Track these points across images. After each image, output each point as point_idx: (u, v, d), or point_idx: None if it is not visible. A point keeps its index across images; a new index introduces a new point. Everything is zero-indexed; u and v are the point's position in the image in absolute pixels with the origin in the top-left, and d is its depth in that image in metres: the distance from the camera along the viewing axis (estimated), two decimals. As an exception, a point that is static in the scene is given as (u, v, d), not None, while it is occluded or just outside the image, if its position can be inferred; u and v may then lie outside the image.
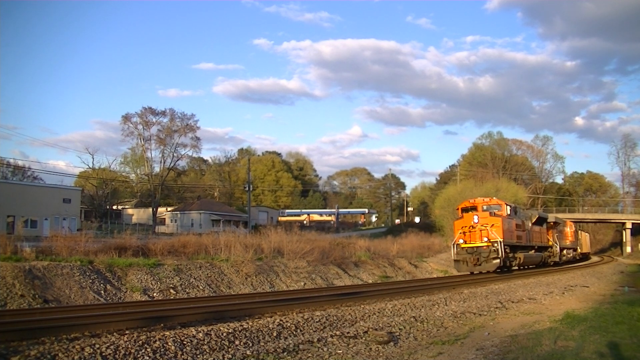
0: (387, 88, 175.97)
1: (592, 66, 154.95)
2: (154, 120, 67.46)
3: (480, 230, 23.32)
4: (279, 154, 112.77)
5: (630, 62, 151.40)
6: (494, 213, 24.11)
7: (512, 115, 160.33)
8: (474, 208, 24.75)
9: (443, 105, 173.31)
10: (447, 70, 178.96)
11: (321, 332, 9.18)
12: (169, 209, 75.59)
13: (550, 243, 32.56)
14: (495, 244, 22.75)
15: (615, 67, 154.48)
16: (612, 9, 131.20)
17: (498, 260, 22.74)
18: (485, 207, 24.63)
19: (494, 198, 27.09)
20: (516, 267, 26.26)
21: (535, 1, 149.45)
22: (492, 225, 23.18)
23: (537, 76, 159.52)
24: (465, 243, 23.76)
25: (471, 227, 23.67)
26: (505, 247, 23.20)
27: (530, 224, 28.37)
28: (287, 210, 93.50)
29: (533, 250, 28.67)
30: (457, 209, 26.93)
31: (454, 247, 24.43)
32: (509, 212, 25.05)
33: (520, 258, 25.64)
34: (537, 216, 30.36)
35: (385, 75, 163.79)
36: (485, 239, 23.03)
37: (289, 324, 9.29)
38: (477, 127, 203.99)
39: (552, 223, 33.10)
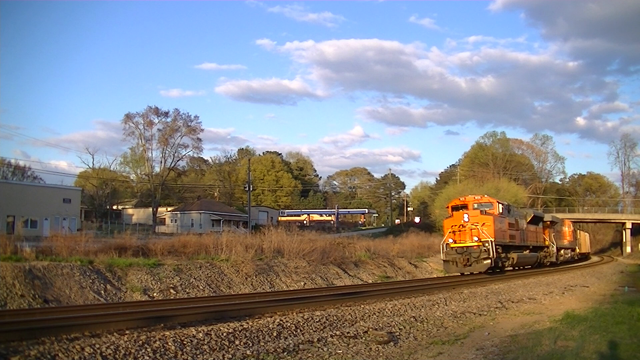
0: (389, 88, 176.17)
1: (595, 66, 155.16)
2: (156, 120, 67.77)
3: (471, 229, 22.61)
4: (279, 153, 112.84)
5: (632, 62, 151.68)
6: (485, 211, 23.44)
7: (514, 116, 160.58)
8: (464, 206, 24.05)
9: (445, 105, 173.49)
10: (449, 70, 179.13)
11: (321, 332, 9.18)
12: (169, 209, 75.58)
13: (547, 243, 31.99)
14: (486, 244, 22.06)
15: (618, 67, 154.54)
16: (615, 9, 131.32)
17: (489, 261, 22.10)
18: (476, 205, 23.92)
19: (485, 196, 26.36)
20: (510, 268, 25.74)
21: (539, 2, 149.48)
22: (483, 224, 22.52)
23: (539, 76, 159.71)
24: (455, 243, 23.07)
25: (461, 226, 22.98)
26: (497, 247, 22.62)
27: (525, 223, 27.75)
28: (287, 210, 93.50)
29: (528, 250, 28.12)
30: (447, 207, 26.30)
31: (443, 247, 23.73)
32: (501, 211, 24.39)
33: (513, 258, 25.05)
34: (533, 215, 29.70)
35: (388, 76, 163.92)
36: (476, 239, 22.33)
37: (289, 324, 9.29)
38: (479, 127, 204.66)
39: (548, 222, 32.64)
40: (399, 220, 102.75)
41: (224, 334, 8.14)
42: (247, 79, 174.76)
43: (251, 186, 70.65)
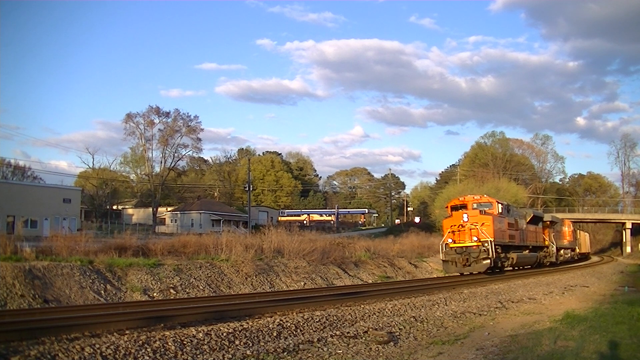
0: (389, 88, 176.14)
1: (595, 66, 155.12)
2: (157, 120, 67.86)
3: (470, 229, 22.56)
4: (279, 154, 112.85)
5: (632, 62, 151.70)
6: (485, 211, 23.39)
7: (514, 116, 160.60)
8: (463, 206, 23.99)
9: (445, 105, 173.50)
10: (449, 70, 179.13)
11: (321, 332, 9.19)
12: (169, 209, 75.58)
13: (547, 243, 31.95)
14: (486, 244, 22.01)
15: (618, 67, 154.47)
16: (615, 9, 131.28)
17: (488, 261, 22.04)
18: (475, 205, 23.85)
19: (485, 195, 26.33)
20: (509, 268, 25.66)
21: (539, 2, 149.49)
22: (483, 224, 22.47)
23: (539, 76, 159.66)
24: (454, 243, 23.03)
25: (460, 226, 22.93)
26: (497, 247, 22.58)
27: (524, 223, 27.69)
28: (287, 210, 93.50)
29: (527, 250, 28.07)
30: (447, 207, 26.28)
31: (442, 247, 23.71)
32: (500, 211, 24.34)
33: (513, 258, 24.99)
34: (532, 215, 29.61)
35: (388, 76, 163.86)
36: (475, 239, 22.28)
37: (289, 324, 9.29)
38: (479, 127, 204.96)
39: (548, 222, 32.58)
40: (399, 220, 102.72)
41: (224, 334, 8.14)
42: (247, 79, 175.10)
43: (251, 186, 70.68)
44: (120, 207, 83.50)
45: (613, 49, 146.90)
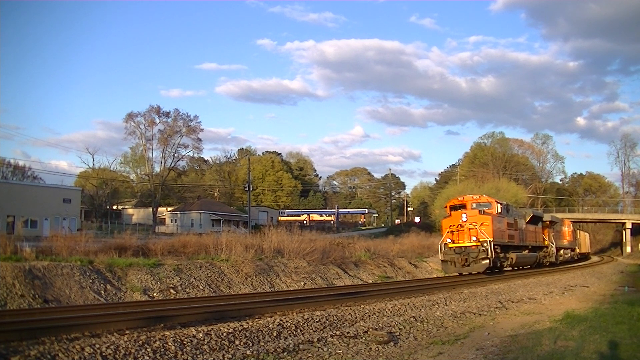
0: (389, 88, 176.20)
1: (595, 66, 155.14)
2: (157, 120, 67.91)
3: (469, 229, 22.56)
4: (279, 153, 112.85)
5: (632, 62, 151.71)
6: (484, 211, 23.40)
7: (514, 116, 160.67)
8: (462, 206, 23.99)
9: (445, 105, 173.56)
10: (449, 70, 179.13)
11: (321, 332, 9.19)
12: (169, 209, 75.59)
13: (546, 243, 31.95)
14: (485, 244, 22.00)
15: (618, 67, 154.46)
16: (615, 9, 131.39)
17: (487, 261, 22.03)
18: (474, 205, 23.84)
19: (484, 195, 26.32)
20: (509, 268, 25.61)
21: (539, 2, 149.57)
22: (482, 223, 22.48)
23: (539, 76, 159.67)
24: (453, 243, 23.02)
25: (459, 226, 22.93)
26: (496, 247, 22.57)
27: (524, 223, 27.68)
28: (287, 210, 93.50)
29: (527, 250, 28.06)
30: (446, 206, 26.27)
31: (441, 247, 23.70)
32: (499, 210, 24.34)
33: (512, 258, 24.95)
34: (532, 215, 29.60)
35: (388, 76, 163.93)
36: (474, 239, 22.27)
37: (289, 324, 9.29)
38: (479, 127, 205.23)
39: (548, 222, 32.57)
40: (399, 220, 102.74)
41: (224, 334, 8.14)
42: (248, 79, 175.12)
43: (251, 186, 70.73)
44: (120, 207, 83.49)
45: (613, 49, 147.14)
